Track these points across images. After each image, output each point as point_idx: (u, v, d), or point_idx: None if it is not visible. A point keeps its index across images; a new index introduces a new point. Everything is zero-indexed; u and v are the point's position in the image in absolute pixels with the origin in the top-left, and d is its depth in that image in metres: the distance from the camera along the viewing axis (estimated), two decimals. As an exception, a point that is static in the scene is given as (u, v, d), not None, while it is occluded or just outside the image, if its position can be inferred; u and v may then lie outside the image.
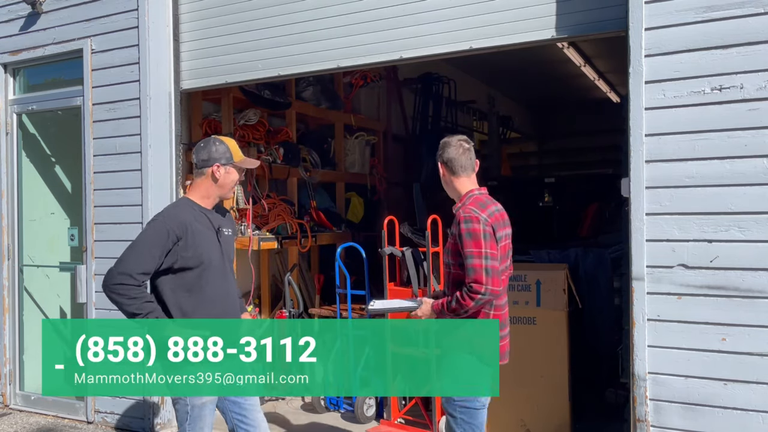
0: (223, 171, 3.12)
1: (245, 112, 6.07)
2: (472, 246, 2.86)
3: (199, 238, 3.05)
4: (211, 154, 3.11)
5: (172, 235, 2.97)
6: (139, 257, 2.94)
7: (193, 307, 3.05)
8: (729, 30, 3.26)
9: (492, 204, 3.07)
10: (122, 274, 2.90)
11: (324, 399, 5.45)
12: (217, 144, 3.14)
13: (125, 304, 2.91)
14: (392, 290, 4.94)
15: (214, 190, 3.16)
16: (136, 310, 2.91)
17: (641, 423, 3.47)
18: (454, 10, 4.03)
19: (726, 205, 3.27)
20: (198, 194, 3.16)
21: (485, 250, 2.86)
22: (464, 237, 2.88)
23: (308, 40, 4.52)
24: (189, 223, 3.03)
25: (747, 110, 3.23)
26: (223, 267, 3.17)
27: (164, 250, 2.96)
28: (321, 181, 6.83)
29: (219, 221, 3.21)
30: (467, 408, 2.97)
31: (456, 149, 3.10)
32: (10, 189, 5.78)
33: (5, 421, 5.41)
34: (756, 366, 3.22)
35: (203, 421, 3.06)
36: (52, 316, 5.99)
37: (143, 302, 2.92)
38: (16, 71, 5.85)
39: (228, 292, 3.20)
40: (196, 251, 3.02)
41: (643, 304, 3.45)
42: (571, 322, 4.60)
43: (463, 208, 2.98)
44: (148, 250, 2.95)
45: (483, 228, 2.89)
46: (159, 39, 5.01)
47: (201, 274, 3.05)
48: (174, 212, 3.08)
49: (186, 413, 3.04)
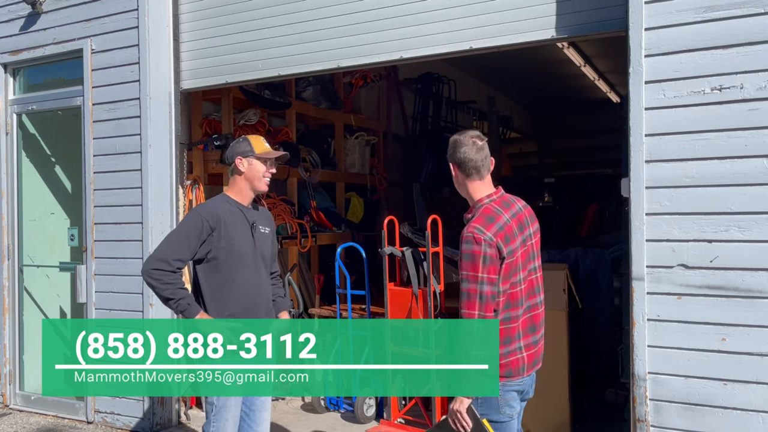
0: (246, 163, 3.30)
1: (245, 112, 6.07)
2: (469, 269, 2.68)
3: (232, 230, 3.22)
4: (234, 150, 3.31)
5: (206, 225, 3.16)
6: (176, 245, 3.15)
7: (224, 298, 3.21)
8: (729, 30, 3.26)
9: (507, 210, 2.81)
10: (159, 260, 3.11)
11: (324, 399, 5.45)
12: (240, 141, 3.36)
13: (160, 289, 3.10)
14: (392, 290, 4.94)
15: (244, 184, 3.32)
16: (170, 295, 3.11)
17: (641, 423, 3.47)
18: (454, 10, 4.03)
19: (726, 205, 3.27)
20: (233, 191, 3.35)
21: (481, 275, 2.67)
22: (462, 258, 2.71)
23: (308, 40, 4.52)
24: (223, 215, 3.22)
25: (747, 110, 3.23)
26: (256, 261, 3.30)
27: (199, 240, 3.16)
28: (321, 181, 6.83)
29: (255, 217, 3.36)
30: (493, 422, 2.79)
31: (470, 148, 2.81)
32: (10, 189, 5.78)
33: (5, 421, 5.41)
34: (756, 366, 3.22)
35: (228, 411, 3.21)
36: (52, 316, 5.99)
37: (176, 288, 3.12)
38: (16, 71, 5.85)
39: (260, 286, 3.33)
40: (228, 243, 3.20)
41: (643, 304, 3.45)
42: (571, 322, 4.60)
43: (468, 226, 2.76)
44: (184, 239, 3.16)
45: (483, 251, 2.67)
46: (159, 39, 5.01)
47: (233, 266, 3.22)
48: (210, 205, 3.30)
49: (212, 403, 3.20)
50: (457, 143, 2.83)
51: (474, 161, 2.80)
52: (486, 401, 2.80)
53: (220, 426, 3.19)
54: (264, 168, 3.31)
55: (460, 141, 2.83)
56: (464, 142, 2.82)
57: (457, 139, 2.85)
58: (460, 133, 2.88)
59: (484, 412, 2.81)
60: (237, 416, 3.25)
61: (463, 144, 2.82)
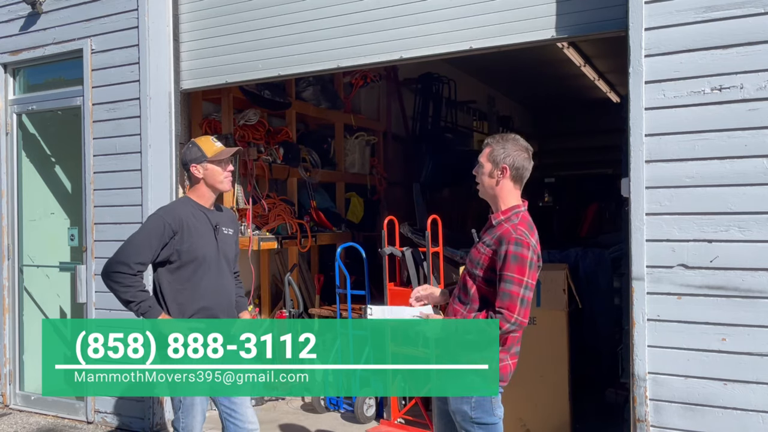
0: (201, 169, 3.29)
1: (245, 112, 6.07)
2: (516, 272, 2.67)
3: (195, 233, 3.21)
4: (186, 158, 3.31)
5: (168, 229, 3.15)
6: (137, 248, 3.15)
7: (187, 300, 3.20)
8: (729, 30, 3.26)
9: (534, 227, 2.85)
10: (120, 263, 3.11)
11: (324, 399, 5.45)
12: (190, 147, 3.33)
13: (120, 291, 3.11)
14: (392, 290, 4.94)
15: (205, 188, 3.33)
16: (131, 298, 3.10)
17: (641, 423, 3.46)
18: (454, 10, 4.03)
19: (726, 205, 3.27)
20: (195, 194, 3.35)
21: (527, 279, 2.69)
22: (509, 259, 2.68)
23: (308, 40, 4.52)
24: (185, 218, 3.20)
25: (747, 110, 3.23)
26: (219, 263, 3.30)
27: (161, 243, 3.15)
28: (321, 181, 6.83)
29: (218, 219, 3.35)
30: (486, 425, 2.84)
31: (527, 158, 2.82)
32: (10, 189, 5.78)
33: (5, 421, 5.41)
34: (756, 366, 3.22)
35: (194, 408, 3.23)
36: (52, 316, 5.99)
37: (137, 291, 3.11)
38: (16, 71, 5.85)
39: (223, 288, 3.32)
40: (191, 246, 3.19)
41: (643, 304, 3.45)
42: (571, 322, 4.60)
43: (514, 228, 2.74)
44: (146, 242, 3.14)
45: (531, 256, 2.71)
46: (159, 39, 5.01)
47: (196, 269, 3.21)
48: (172, 208, 3.29)
49: (179, 401, 3.21)
50: (513, 146, 2.81)
51: (527, 171, 2.83)
52: (480, 404, 2.83)
53: (189, 422, 3.22)
54: (220, 169, 3.29)
55: (520, 146, 2.82)
56: (521, 147, 2.82)
57: (513, 143, 2.82)
58: (515, 138, 2.86)
59: (478, 415, 2.85)
60: (204, 411, 3.28)
61: (522, 150, 2.82)
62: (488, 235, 2.85)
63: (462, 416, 2.87)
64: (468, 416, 2.85)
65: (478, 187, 2.91)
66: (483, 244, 2.85)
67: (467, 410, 2.84)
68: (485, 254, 2.80)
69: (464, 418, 2.87)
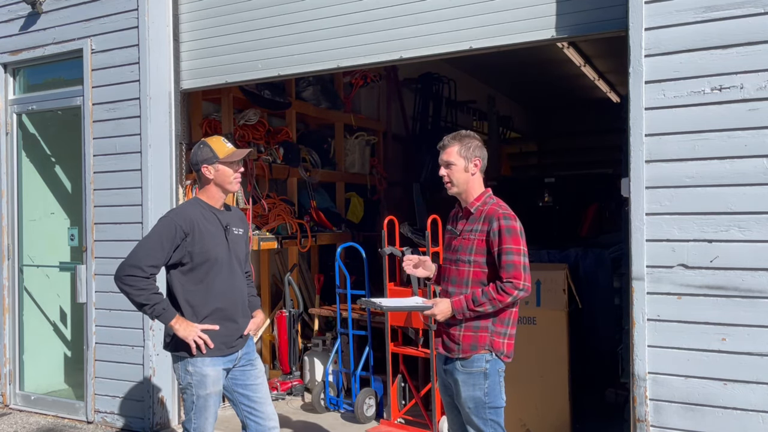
0: (212, 170, 3.28)
1: (245, 112, 6.07)
2: (512, 243, 2.91)
3: (206, 235, 3.21)
4: (197, 158, 3.29)
5: (179, 231, 3.14)
6: (149, 251, 3.13)
7: (200, 301, 3.21)
8: (729, 30, 3.26)
9: None
10: (132, 266, 3.10)
11: (324, 399, 5.45)
12: (202, 147, 3.31)
13: (134, 295, 3.10)
14: (392, 290, 4.94)
15: (215, 189, 3.32)
16: (145, 301, 3.10)
17: (641, 423, 3.47)
18: (454, 10, 4.03)
19: (726, 205, 3.27)
20: (205, 195, 3.34)
21: (523, 248, 2.93)
22: (503, 233, 2.91)
23: (308, 40, 4.52)
24: (196, 220, 3.20)
25: (747, 110, 3.23)
26: (231, 264, 3.30)
27: (173, 245, 3.14)
28: (321, 181, 6.83)
29: (228, 220, 3.35)
30: (497, 408, 3.00)
31: (485, 147, 3.15)
32: (10, 189, 5.78)
33: (5, 421, 5.41)
34: (756, 366, 3.22)
35: (207, 411, 3.23)
36: (52, 316, 5.99)
37: (151, 293, 3.11)
38: (16, 71, 5.85)
39: (235, 289, 3.32)
40: (203, 247, 3.19)
41: (643, 304, 3.45)
42: (571, 322, 4.60)
43: (497, 205, 3.02)
44: (158, 245, 3.13)
45: (519, 226, 2.96)
46: (159, 39, 5.01)
47: (208, 270, 3.21)
48: (182, 210, 3.28)
49: (192, 402, 3.20)
50: (474, 141, 3.09)
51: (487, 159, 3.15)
52: (492, 388, 2.97)
53: (201, 424, 3.22)
54: (231, 170, 3.29)
55: (479, 140, 3.12)
56: (480, 141, 3.12)
57: (473, 139, 3.10)
58: (470, 134, 3.14)
59: (491, 399, 2.98)
60: (216, 413, 3.29)
61: (482, 143, 3.12)
62: (470, 223, 3.06)
63: (476, 403, 2.99)
64: (482, 401, 2.98)
65: (448, 186, 3.12)
66: (467, 231, 3.04)
67: (481, 395, 2.98)
68: (475, 239, 3.00)
69: (478, 404, 2.99)
